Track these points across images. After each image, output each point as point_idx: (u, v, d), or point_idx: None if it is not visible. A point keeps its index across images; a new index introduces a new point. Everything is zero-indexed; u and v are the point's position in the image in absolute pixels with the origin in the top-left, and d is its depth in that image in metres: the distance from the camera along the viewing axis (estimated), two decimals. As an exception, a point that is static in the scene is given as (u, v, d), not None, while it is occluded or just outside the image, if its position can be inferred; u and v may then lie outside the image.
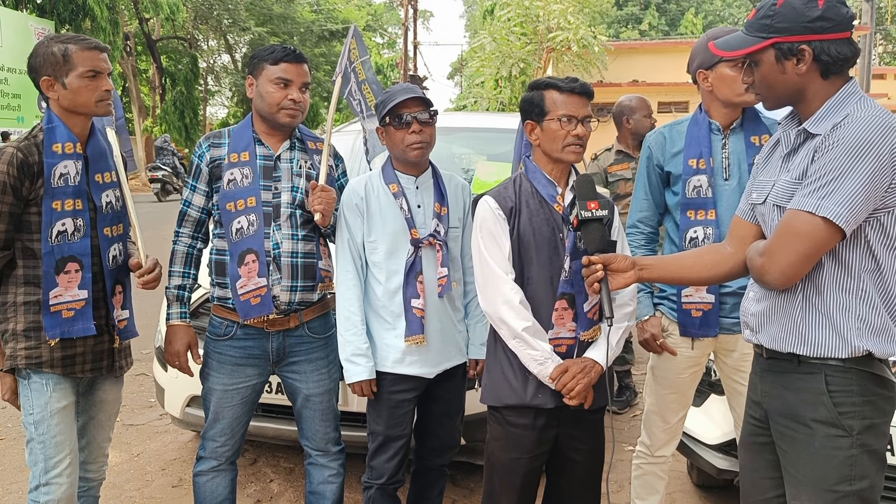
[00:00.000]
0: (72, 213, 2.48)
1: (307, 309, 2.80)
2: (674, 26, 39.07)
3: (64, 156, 2.47)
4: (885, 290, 1.88)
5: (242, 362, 2.77)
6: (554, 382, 2.36)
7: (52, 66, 2.46)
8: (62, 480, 2.52)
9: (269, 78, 2.70)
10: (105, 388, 2.75)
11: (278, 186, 2.76)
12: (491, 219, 2.44)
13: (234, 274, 2.69)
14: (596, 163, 5.29)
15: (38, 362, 2.48)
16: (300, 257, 2.75)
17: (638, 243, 3.02)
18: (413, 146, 2.67)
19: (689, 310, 2.80)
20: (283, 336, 2.78)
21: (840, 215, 1.77)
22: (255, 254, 2.68)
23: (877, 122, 1.80)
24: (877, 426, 1.89)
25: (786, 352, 1.95)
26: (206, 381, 2.83)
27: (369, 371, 2.68)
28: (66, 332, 2.49)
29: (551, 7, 19.22)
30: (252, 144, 2.75)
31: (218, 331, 2.80)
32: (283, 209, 2.74)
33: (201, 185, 2.79)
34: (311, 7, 37.14)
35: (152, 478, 4.07)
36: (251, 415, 2.90)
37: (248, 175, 2.72)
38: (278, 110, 2.70)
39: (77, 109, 2.50)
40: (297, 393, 2.87)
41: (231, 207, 2.70)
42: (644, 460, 3.07)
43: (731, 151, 2.78)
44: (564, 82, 2.41)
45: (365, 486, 2.83)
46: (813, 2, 1.85)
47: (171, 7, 26.50)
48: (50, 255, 2.45)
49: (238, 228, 2.69)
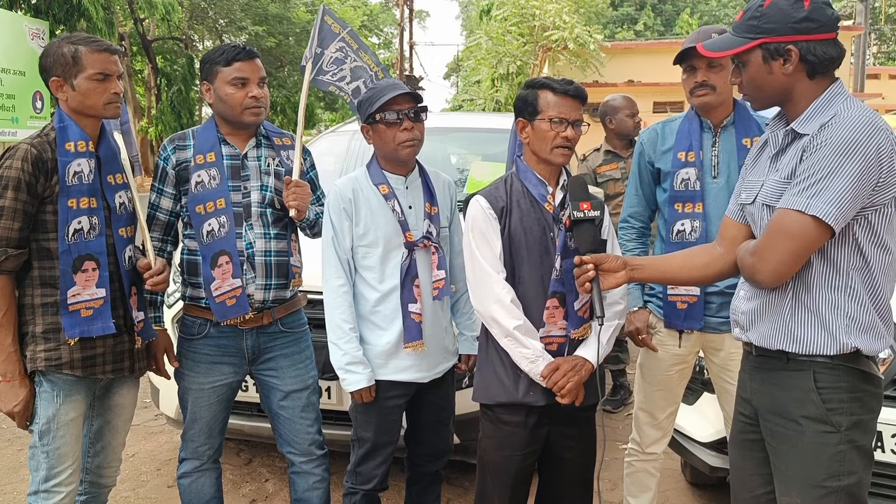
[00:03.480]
0: (87, 212, 2.45)
1: (280, 306, 2.78)
2: (669, 26, 39.16)
3: (77, 154, 2.45)
4: (872, 288, 1.90)
5: (217, 360, 2.75)
6: (545, 380, 2.37)
7: (62, 67, 2.44)
8: (62, 489, 2.51)
9: (225, 80, 2.65)
10: (122, 391, 2.72)
11: (247, 186, 2.73)
12: (482, 218, 2.45)
13: (207, 276, 2.66)
14: (585, 163, 5.28)
15: (58, 364, 2.44)
16: (273, 256, 2.73)
17: (629, 237, 3.07)
18: (404, 144, 2.63)
19: (675, 302, 2.82)
20: (256, 333, 2.76)
21: (829, 214, 1.79)
22: (229, 255, 2.64)
23: (864, 122, 1.82)
24: (864, 422, 1.91)
25: (775, 349, 1.97)
26: (181, 381, 2.80)
27: (368, 378, 2.63)
28: (86, 332, 2.45)
29: (547, 6, 19.26)
30: (217, 145, 2.71)
31: (191, 330, 2.78)
32: (253, 209, 2.72)
33: (168, 188, 2.75)
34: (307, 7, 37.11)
35: (147, 478, 4.08)
36: (229, 413, 2.87)
37: (215, 176, 2.68)
38: (242, 111, 2.67)
39: (85, 111, 2.48)
40: (273, 391, 2.82)
41: (201, 210, 2.67)
42: (635, 458, 3.09)
43: (721, 150, 2.80)
44: (559, 84, 2.42)
45: (349, 492, 2.78)
46: (799, 3, 1.87)
47: (166, 7, 26.44)
48: (67, 254, 2.42)
49: (209, 231, 2.66)
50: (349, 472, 2.79)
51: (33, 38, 15.47)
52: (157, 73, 32.29)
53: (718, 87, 2.73)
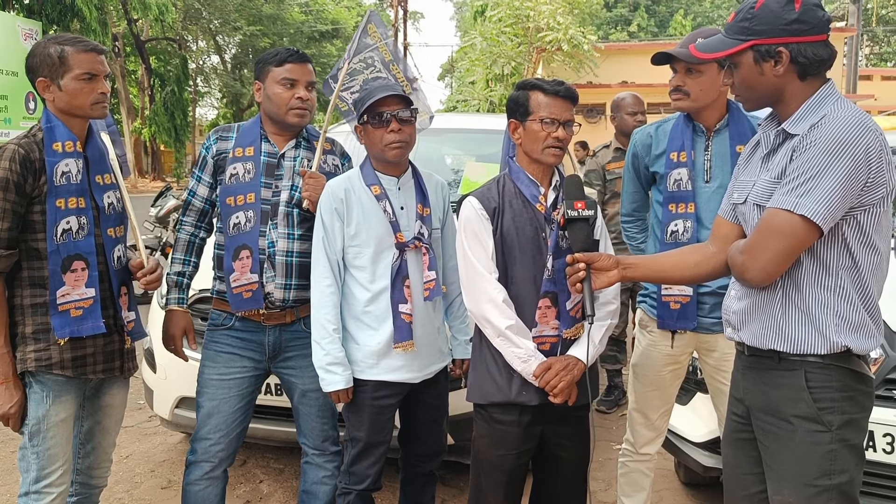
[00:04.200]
0: (76, 212, 2.46)
1: (303, 305, 2.81)
2: (663, 28, 39.24)
3: (65, 154, 2.45)
4: (862, 287, 1.91)
5: (239, 352, 2.80)
6: (537, 380, 2.38)
7: (49, 68, 2.44)
8: (52, 490, 2.51)
9: (275, 80, 2.74)
10: (112, 392, 2.73)
11: (279, 185, 2.79)
12: (475, 219, 2.46)
13: (228, 267, 2.73)
14: (594, 160, 5.41)
15: (47, 364, 2.44)
16: (295, 256, 2.77)
17: (637, 229, 3.11)
18: (392, 145, 2.63)
19: (668, 302, 2.83)
20: (279, 330, 2.81)
21: (818, 213, 1.81)
22: (249, 250, 2.72)
23: (853, 123, 1.83)
24: (856, 421, 1.92)
25: (767, 349, 1.98)
26: (201, 376, 2.84)
27: (346, 379, 2.63)
28: (76, 331, 2.45)
29: (541, 7, 19.30)
30: (259, 140, 2.80)
31: (217, 321, 2.85)
32: (280, 208, 2.77)
33: (206, 176, 2.85)
34: (301, 8, 37.11)
35: (141, 479, 4.07)
36: (248, 416, 2.88)
37: (250, 170, 2.76)
38: (287, 110, 2.75)
39: (73, 111, 2.47)
40: (293, 388, 2.88)
41: (231, 202, 2.75)
42: (629, 458, 3.10)
43: (714, 154, 2.79)
44: (550, 85, 2.44)
45: (343, 492, 2.78)
46: (790, 5, 1.89)
47: (159, 7, 26.41)
48: (56, 254, 2.42)
49: (235, 223, 2.73)
50: (342, 473, 2.80)
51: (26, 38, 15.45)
52: (151, 74, 32.24)
53: (693, 94, 2.73)
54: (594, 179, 5.36)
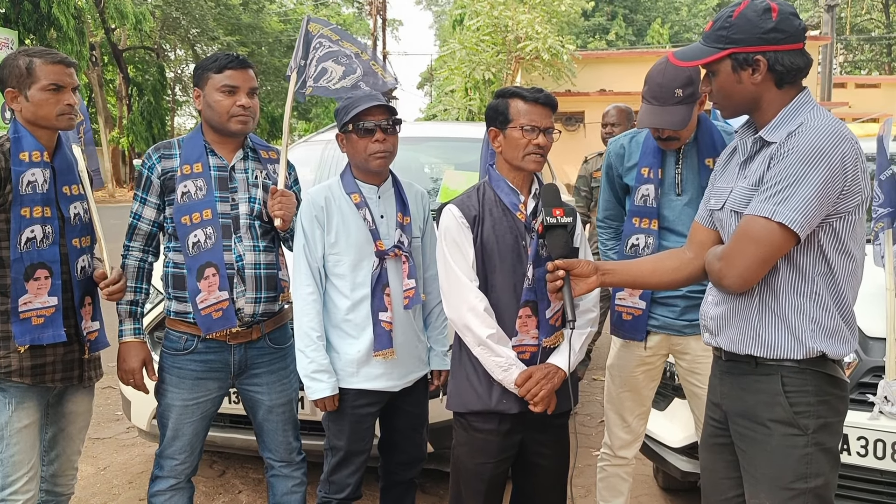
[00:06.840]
0: (41, 221, 2.46)
1: (269, 320, 2.76)
2: (640, 36, 39.58)
3: (31, 164, 2.46)
4: (837, 293, 1.94)
5: (204, 376, 2.70)
6: (519, 389, 2.38)
7: (17, 79, 2.47)
8: (17, 497, 2.50)
9: (215, 87, 2.63)
10: (76, 399, 2.72)
11: (235, 198, 2.69)
12: (455, 227, 2.47)
13: (193, 288, 2.61)
14: (585, 166, 5.59)
15: (7, 371, 2.45)
16: (263, 268, 2.70)
17: (608, 236, 3.14)
18: (376, 155, 2.64)
19: (621, 312, 2.87)
20: (244, 348, 2.73)
21: (795, 220, 1.83)
22: (216, 267, 2.61)
23: (829, 131, 1.85)
24: (831, 425, 1.95)
25: (744, 354, 2.00)
26: (163, 398, 2.73)
27: (332, 387, 2.63)
28: (37, 339, 2.46)
29: (519, 17, 19.37)
30: (204, 155, 2.68)
31: (177, 345, 2.71)
32: (241, 220, 2.69)
33: (152, 197, 2.69)
34: (280, 17, 37.05)
35: (119, 491, 4.03)
36: (209, 429, 2.83)
37: (202, 187, 2.65)
38: (229, 118, 2.64)
39: (39, 122, 2.49)
40: (258, 405, 2.81)
41: (186, 221, 2.63)
42: (607, 462, 3.11)
43: (685, 167, 2.81)
44: (529, 92, 2.45)
45: (323, 501, 2.77)
46: (767, 14, 1.91)
47: (137, 17, 26.27)
48: (19, 262, 2.43)
49: (195, 242, 2.62)
50: (322, 482, 2.79)
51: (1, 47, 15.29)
52: (129, 83, 32.04)
53: (682, 137, 2.77)
54: (582, 185, 5.54)
